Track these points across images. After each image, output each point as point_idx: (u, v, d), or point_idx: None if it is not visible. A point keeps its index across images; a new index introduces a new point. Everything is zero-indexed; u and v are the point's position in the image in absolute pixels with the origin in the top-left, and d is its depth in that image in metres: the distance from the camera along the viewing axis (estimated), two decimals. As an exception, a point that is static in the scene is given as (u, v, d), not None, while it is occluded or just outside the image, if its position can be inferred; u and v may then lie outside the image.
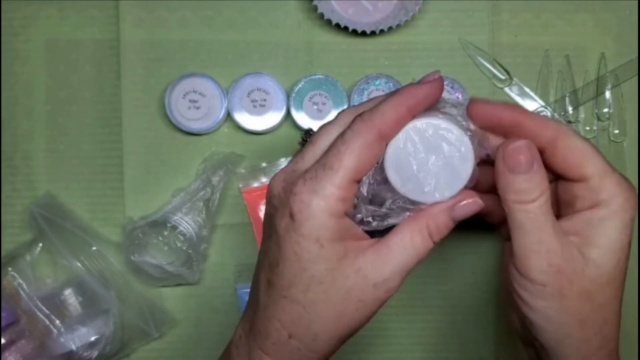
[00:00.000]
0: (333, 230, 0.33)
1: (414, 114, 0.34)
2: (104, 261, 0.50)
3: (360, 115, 0.33)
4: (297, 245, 0.33)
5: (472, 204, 0.34)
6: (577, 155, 0.33)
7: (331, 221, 0.32)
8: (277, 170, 0.36)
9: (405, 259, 0.34)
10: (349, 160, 0.32)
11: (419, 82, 0.35)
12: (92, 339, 0.47)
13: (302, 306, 0.34)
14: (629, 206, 0.33)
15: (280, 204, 0.34)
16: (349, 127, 0.33)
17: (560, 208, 0.36)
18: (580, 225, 0.33)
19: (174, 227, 0.49)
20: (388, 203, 0.35)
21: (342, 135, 0.33)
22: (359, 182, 0.34)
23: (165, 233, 0.50)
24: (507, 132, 0.34)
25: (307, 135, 0.37)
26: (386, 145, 0.34)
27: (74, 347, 0.47)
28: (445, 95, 0.50)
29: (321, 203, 0.32)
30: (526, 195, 0.32)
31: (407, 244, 0.34)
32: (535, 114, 0.35)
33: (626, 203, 0.33)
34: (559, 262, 0.32)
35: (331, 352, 0.36)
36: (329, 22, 0.50)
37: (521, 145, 0.32)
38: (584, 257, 0.33)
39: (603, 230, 0.33)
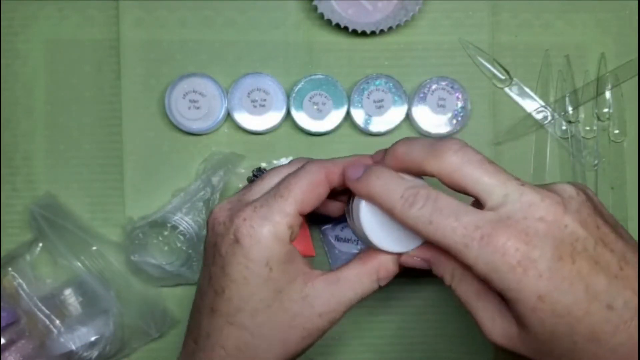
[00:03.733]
0: (281, 254, 0.34)
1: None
2: (104, 261, 0.50)
3: (313, 160, 0.36)
4: (246, 269, 0.33)
5: (420, 262, 0.36)
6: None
7: (279, 246, 0.34)
8: (226, 200, 0.37)
9: (351, 295, 0.36)
10: (298, 192, 0.34)
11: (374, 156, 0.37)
12: (92, 339, 0.47)
13: (248, 332, 0.34)
14: (505, 264, 0.30)
15: (226, 230, 0.34)
16: (302, 168, 0.35)
17: None
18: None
19: (174, 227, 0.49)
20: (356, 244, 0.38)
21: (294, 171, 0.35)
22: (303, 216, 0.35)
23: (165, 233, 0.50)
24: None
25: (258, 172, 0.40)
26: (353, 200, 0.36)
27: (74, 347, 0.47)
28: (445, 95, 0.50)
29: (271, 228, 0.33)
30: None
31: (357, 282, 0.36)
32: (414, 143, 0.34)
33: (501, 264, 0.30)
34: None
35: None
36: (329, 22, 0.50)
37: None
38: (519, 327, 0.33)
39: (510, 302, 0.31)
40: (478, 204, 0.32)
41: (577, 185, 0.33)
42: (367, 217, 0.35)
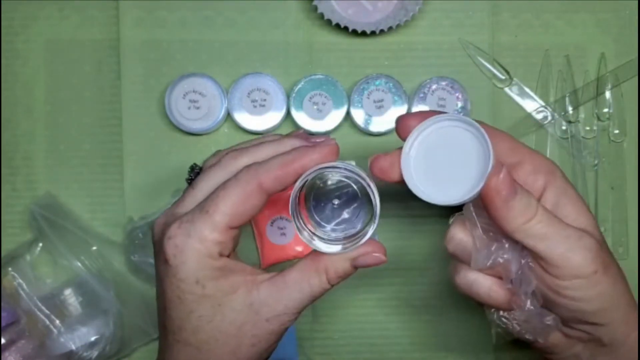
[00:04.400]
0: (212, 270, 0.33)
1: (299, 175, 0.33)
2: (104, 261, 0.50)
3: (248, 166, 0.33)
4: (178, 289, 0.33)
5: (374, 257, 0.34)
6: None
7: (208, 262, 0.33)
8: (163, 213, 0.35)
9: (300, 296, 0.34)
10: (226, 206, 0.32)
11: (314, 145, 0.34)
12: (92, 339, 0.47)
13: (194, 347, 0.34)
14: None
15: (159, 248, 0.33)
16: (234, 175, 0.33)
17: None
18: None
19: None
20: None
21: (224, 182, 0.33)
22: (236, 228, 0.33)
23: None
24: None
25: (192, 172, 0.37)
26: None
27: (73, 347, 0.47)
28: (445, 95, 0.50)
29: (195, 245, 0.32)
30: (530, 210, 0.33)
31: (304, 283, 0.34)
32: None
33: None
34: (593, 241, 0.34)
35: None
36: (329, 22, 0.50)
37: (503, 175, 0.32)
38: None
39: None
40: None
41: None
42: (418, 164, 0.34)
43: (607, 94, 0.52)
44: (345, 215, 0.36)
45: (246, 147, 0.36)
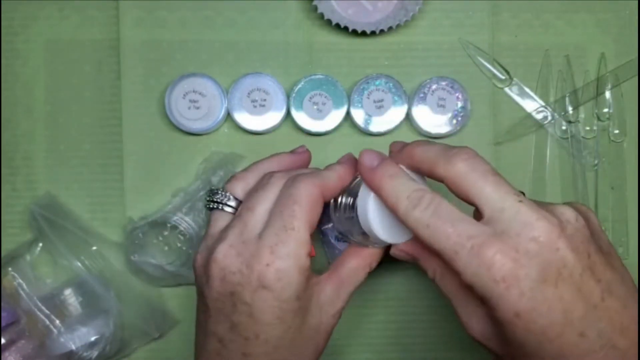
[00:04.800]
0: (306, 282, 0.34)
1: (346, 187, 0.38)
2: (104, 261, 0.50)
3: (306, 180, 0.36)
4: (280, 310, 0.34)
5: (406, 256, 0.37)
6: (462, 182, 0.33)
7: (303, 276, 0.34)
8: (224, 241, 0.35)
9: (352, 289, 0.38)
10: (304, 219, 0.34)
11: (348, 161, 0.40)
12: (92, 339, 0.47)
13: (287, 359, 0.35)
14: (488, 282, 0.30)
15: (245, 278, 0.34)
16: (294, 187, 0.35)
17: None
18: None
19: (174, 227, 0.49)
20: (355, 237, 0.38)
21: (290, 196, 0.35)
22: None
23: (165, 233, 0.50)
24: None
25: (213, 195, 0.38)
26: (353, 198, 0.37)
27: (73, 347, 0.47)
28: (445, 95, 0.50)
29: (295, 264, 0.34)
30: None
31: (355, 277, 0.38)
32: (420, 144, 0.35)
33: (485, 283, 0.30)
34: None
35: None
36: (329, 22, 0.50)
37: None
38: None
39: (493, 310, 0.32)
40: (479, 214, 0.33)
41: (579, 208, 0.33)
42: (374, 209, 0.35)
43: (607, 94, 0.52)
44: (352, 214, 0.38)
45: (272, 163, 0.40)
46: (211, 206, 0.38)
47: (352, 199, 0.38)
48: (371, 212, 0.35)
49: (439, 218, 0.31)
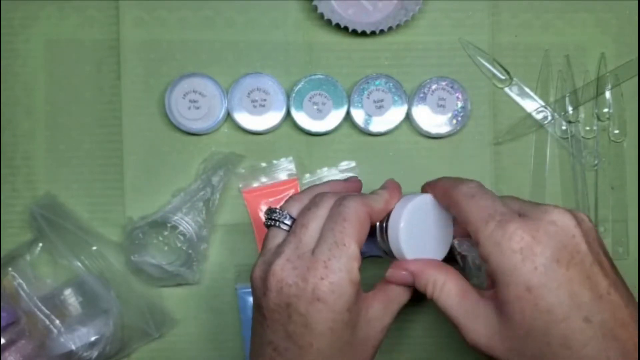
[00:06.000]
0: (355, 295, 0.36)
1: (392, 205, 0.40)
2: (104, 261, 0.50)
3: (356, 200, 0.38)
4: (332, 321, 0.35)
5: (405, 276, 0.39)
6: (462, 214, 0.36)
7: (354, 289, 0.36)
8: (281, 256, 0.37)
9: (397, 308, 0.40)
10: (354, 236, 0.36)
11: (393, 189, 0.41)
12: (92, 339, 0.47)
13: None
14: (506, 252, 0.33)
15: (301, 291, 0.36)
16: (343, 206, 0.37)
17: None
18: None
19: (174, 227, 0.49)
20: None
21: (340, 214, 0.37)
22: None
23: (165, 233, 0.50)
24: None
25: (271, 214, 0.40)
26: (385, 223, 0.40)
27: (73, 347, 0.47)
28: (445, 95, 0.50)
29: (346, 278, 0.35)
30: (426, 290, 0.38)
31: (401, 295, 0.40)
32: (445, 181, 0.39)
33: (502, 252, 0.33)
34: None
35: None
36: (329, 22, 0.50)
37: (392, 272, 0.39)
38: (501, 317, 0.34)
39: (498, 286, 0.34)
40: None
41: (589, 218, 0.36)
42: (404, 233, 0.39)
43: (607, 94, 0.52)
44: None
45: (325, 186, 0.42)
46: (269, 223, 0.40)
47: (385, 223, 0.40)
48: (402, 236, 0.39)
49: (484, 193, 0.36)
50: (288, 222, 0.39)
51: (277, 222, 0.39)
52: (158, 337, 0.50)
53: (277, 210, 0.40)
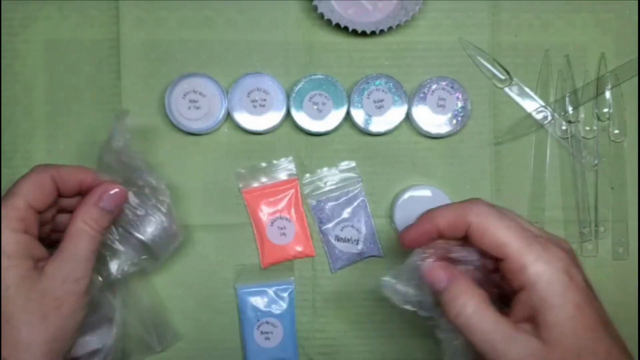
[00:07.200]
0: (18, 242, 0.37)
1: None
2: (106, 263, 0.49)
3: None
4: None
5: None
6: (492, 234, 0.35)
7: (13, 235, 0.37)
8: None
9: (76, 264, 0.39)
10: (24, 189, 0.41)
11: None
12: (94, 348, 0.47)
13: (6, 321, 0.36)
14: (558, 272, 0.33)
15: None
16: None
17: (509, 293, 0.35)
18: (527, 311, 0.33)
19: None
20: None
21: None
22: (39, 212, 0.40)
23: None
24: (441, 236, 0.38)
25: None
26: None
27: (74, 355, 0.46)
28: (445, 95, 0.50)
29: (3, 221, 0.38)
30: (454, 306, 0.35)
31: (77, 249, 0.39)
32: (442, 209, 0.37)
33: (554, 272, 0.33)
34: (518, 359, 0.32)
35: None
36: (329, 22, 0.50)
37: (434, 265, 0.37)
38: (542, 341, 0.32)
39: (547, 309, 0.33)
40: None
41: None
42: None
43: (607, 94, 0.52)
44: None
45: None
46: None
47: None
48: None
49: (519, 218, 0.36)
50: None
51: None
52: (160, 351, 0.50)
53: None
